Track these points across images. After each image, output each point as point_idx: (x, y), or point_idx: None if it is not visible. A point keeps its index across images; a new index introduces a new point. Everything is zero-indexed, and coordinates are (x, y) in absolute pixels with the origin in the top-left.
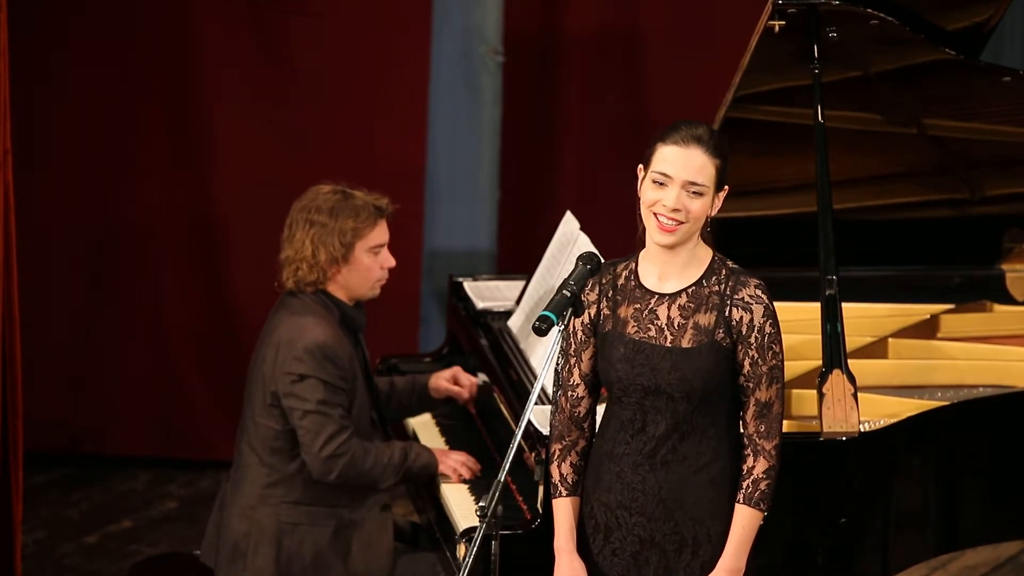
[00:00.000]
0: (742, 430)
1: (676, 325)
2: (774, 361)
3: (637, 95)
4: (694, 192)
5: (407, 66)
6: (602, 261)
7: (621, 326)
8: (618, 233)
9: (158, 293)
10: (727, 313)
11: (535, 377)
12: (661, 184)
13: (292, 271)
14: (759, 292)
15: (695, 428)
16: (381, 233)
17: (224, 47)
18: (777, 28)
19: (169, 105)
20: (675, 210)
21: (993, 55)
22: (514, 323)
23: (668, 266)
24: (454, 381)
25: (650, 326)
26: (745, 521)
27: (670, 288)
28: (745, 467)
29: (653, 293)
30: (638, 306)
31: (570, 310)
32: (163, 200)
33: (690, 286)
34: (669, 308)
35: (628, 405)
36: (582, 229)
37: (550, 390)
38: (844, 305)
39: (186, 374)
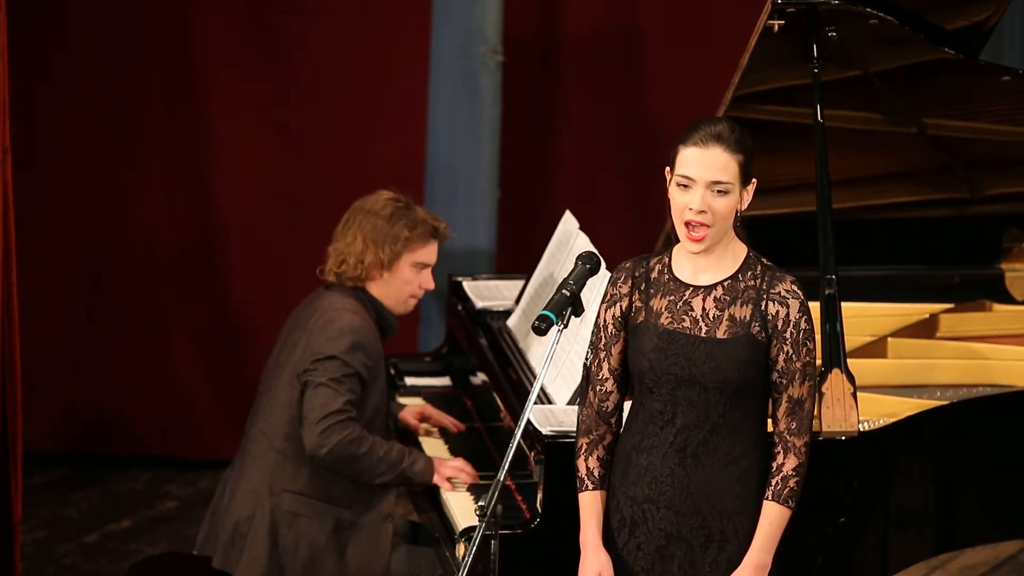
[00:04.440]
0: (772, 427)
1: (711, 316)
2: (808, 358)
3: (637, 95)
4: (719, 191)
5: (407, 66)
6: (601, 260)
7: (654, 317)
8: (618, 233)
9: (158, 293)
10: (763, 307)
11: (534, 376)
12: (686, 187)
13: (337, 262)
14: (795, 288)
15: (726, 422)
16: (430, 253)
17: (224, 47)
18: (776, 28)
19: (169, 105)
20: (701, 211)
21: (993, 55)
22: (513, 322)
23: (702, 260)
24: (421, 418)
25: (684, 317)
26: (773, 517)
27: (705, 281)
28: (775, 464)
29: (688, 285)
30: (672, 298)
31: (569, 310)
32: (163, 200)
33: (726, 279)
34: (704, 300)
35: (659, 397)
36: (581, 229)
37: (550, 389)
38: (844, 305)
39: (186, 374)
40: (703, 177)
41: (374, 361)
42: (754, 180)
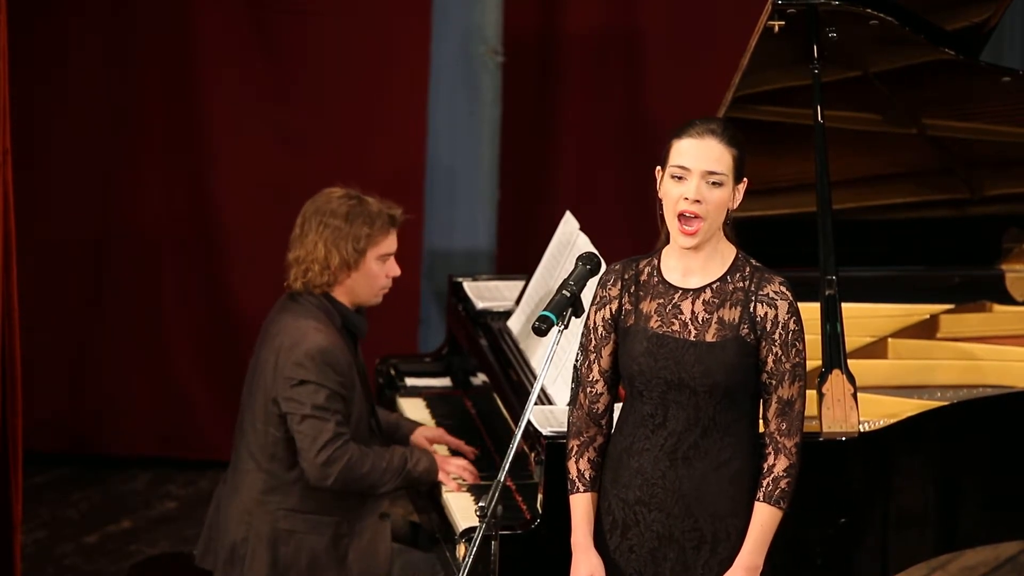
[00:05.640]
0: (763, 428)
1: (700, 320)
2: (797, 359)
3: (637, 95)
4: (713, 182)
5: (407, 66)
6: (602, 261)
7: (644, 320)
8: (618, 233)
9: (158, 293)
10: (752, 309)
11: (535, 377)
12: (680, 178)
13: (302, 272)
14: (783, 289)
15: (717, 424)
16: (391, 242)
17: (224, 47)
18: (777, 28)
19: (169, 105)
20: (696, 200)
21: (993, 55)
22: (514, 323)
23: (691, 262)
24: (432, 444)
25: (673, 320)
26: (764, 519)
27: (694, 284)
28: (766, 465)
29: (677, 288)
30: (661, 301)
31: (570, 310)
32: (162, 200)
33: (714, 282)
34: (693, 303)
35: (649, 400)
36: (582, 229)
37: (550, 390)
38: (844, 305)
39: (186, 374)
40: (698, 166)
41: (346, 375)
42: (746, 179)
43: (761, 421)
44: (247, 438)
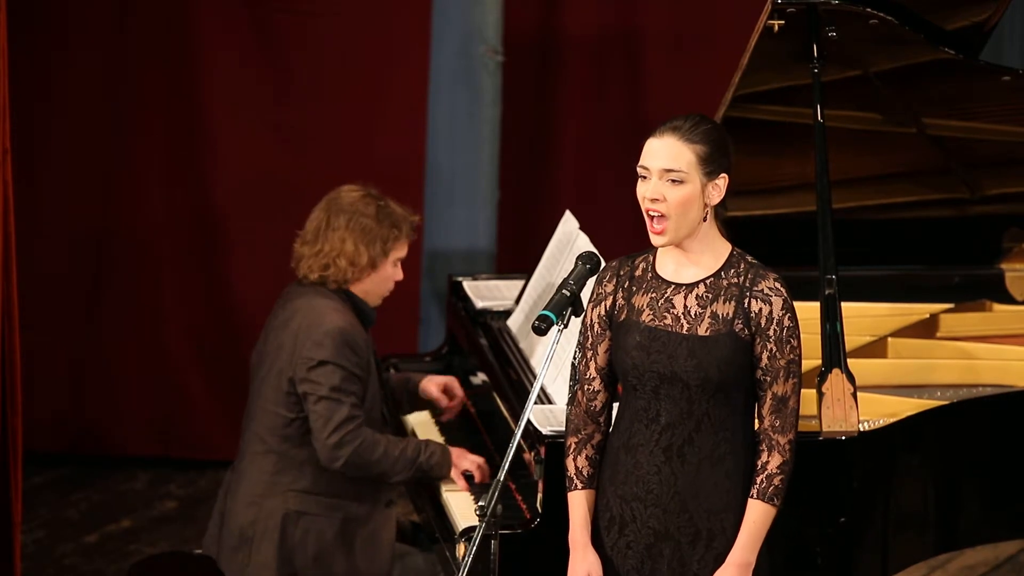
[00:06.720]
0: (757, 424)
1: (693, 314)
2: (792, 355)
3: (637, 95)
4: (671, 180)
5: (407, 66)
6: (601, 261)
7: (636, 314)
8: (618, 233)
9: (158, 293)
10: (746, 304)
11: (534, 377)
12: (644, 178)
13: (321, 265)
14: (778, 285)
15: (711, 420)
16: (406, 248)
17: (224, 47)
18: (776, 27)
19: (169, 105)
20: (654, 199)
21: (993, 55)
22: (514, 323)
23: (684, 257)
24: (444, 390)
25: (666, 314)
26: (757, 516)
27: (687, 278)
28: (759, 462)
29: (669, 283)
30: (653, 295)
31: (569, 310)
32: (163, 200)
33: (708, 277)
34: (686, 297)
35: (643, 394)
36: (582, 229)
37: (549, 389)
38: (844, 305)
39: (186, 374)
40: (655, 165)
41: (363, 356)
42: (724, 175)
43: (756, 418)
44: (256, 422)
